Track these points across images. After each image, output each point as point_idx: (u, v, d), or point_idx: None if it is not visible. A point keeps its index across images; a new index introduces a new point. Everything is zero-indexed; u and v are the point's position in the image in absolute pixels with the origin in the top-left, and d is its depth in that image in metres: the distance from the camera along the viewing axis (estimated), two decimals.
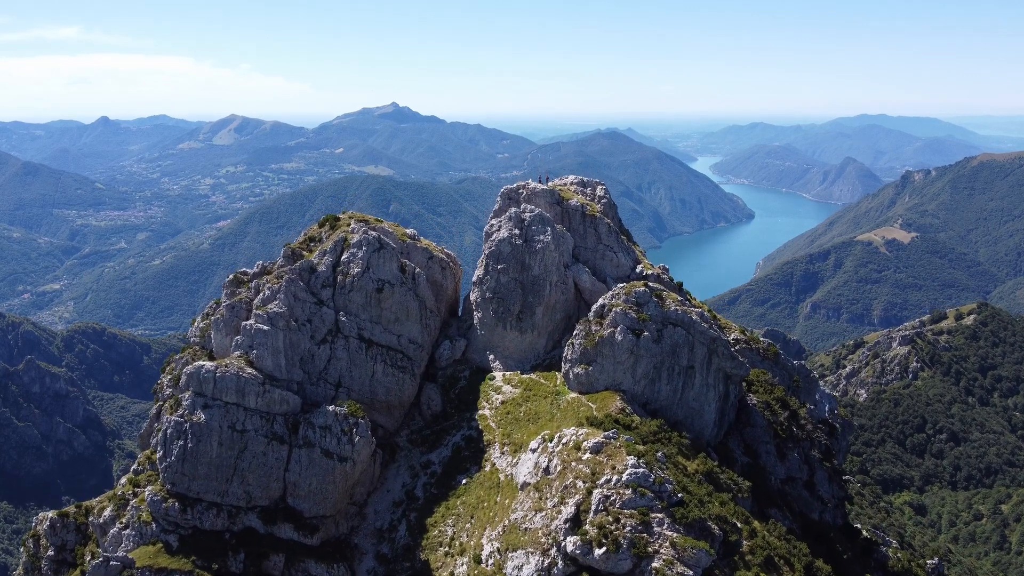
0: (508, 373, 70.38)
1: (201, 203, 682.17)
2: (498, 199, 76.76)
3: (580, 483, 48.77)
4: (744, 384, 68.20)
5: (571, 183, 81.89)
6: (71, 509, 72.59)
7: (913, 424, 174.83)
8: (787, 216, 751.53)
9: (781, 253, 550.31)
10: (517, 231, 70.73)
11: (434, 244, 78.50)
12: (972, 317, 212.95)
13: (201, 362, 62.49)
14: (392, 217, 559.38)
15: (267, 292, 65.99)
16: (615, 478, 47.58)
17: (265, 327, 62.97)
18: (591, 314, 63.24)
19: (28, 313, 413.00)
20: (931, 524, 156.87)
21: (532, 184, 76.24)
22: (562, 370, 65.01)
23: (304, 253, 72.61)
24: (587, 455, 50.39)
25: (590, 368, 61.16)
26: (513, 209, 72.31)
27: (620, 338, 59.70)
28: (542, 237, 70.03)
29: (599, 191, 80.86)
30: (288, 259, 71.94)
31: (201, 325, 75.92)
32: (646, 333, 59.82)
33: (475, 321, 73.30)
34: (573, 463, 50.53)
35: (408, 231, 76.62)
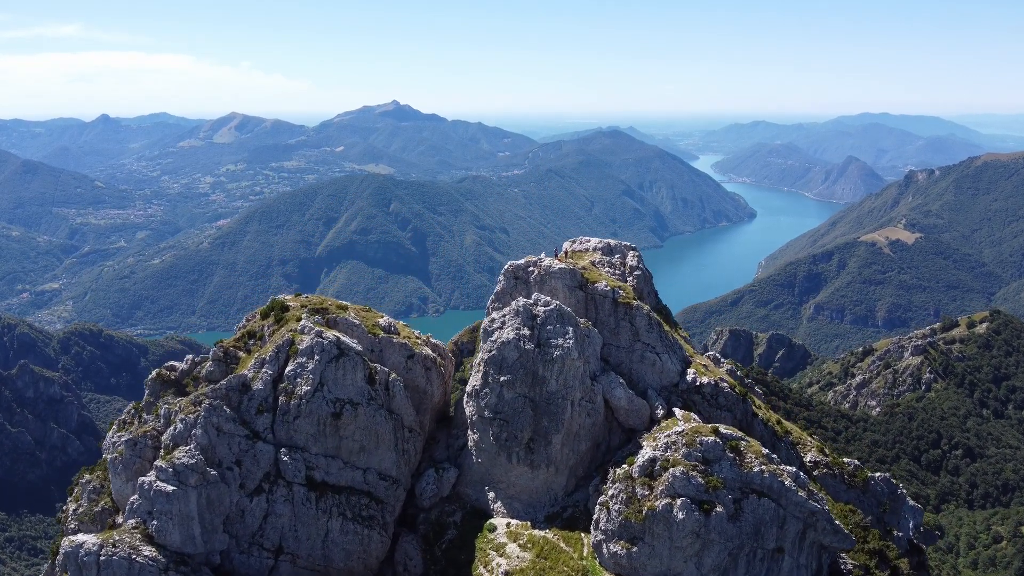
0: (514, 523, 51.74)
1: (201, 202, 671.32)
2: (500, 279, 57.86)
3: None
4: None
5: (593, 249, 63.11)
6: None
7: (928, 440, 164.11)
8: (789, 215, 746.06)
9: (783, 253, 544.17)
10: (527, 331, 51.84)
11: (416, 334, 59.29)
12: (984, 325, 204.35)
13: (82, 538, 44.08)
14: (393, 216, 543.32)
15: (179, 426, 47.44)
16: None
17: (169, 488, 44.37)
18: (635, 468, 44.61)
19: (27, 312, 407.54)
20: (949, 547, 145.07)
21: (546, 260, 57.16)
22: (592, 537, 46.65)
23: (240, 355, 54.16)
24: None
25: (634, 549, 42.75)
26: (521, 300, 53.29)
27: (681, 516, 41.23)
28: (561, 341, 51.15)
29: (630, 259, 62.10)
30: (218, 364, 53.36)
31: (114, 439, 57.24)
32: (719, 508, 41.31)
33: (470, 444, 54.73)
34: None
35: (382, 321, 57.41)
